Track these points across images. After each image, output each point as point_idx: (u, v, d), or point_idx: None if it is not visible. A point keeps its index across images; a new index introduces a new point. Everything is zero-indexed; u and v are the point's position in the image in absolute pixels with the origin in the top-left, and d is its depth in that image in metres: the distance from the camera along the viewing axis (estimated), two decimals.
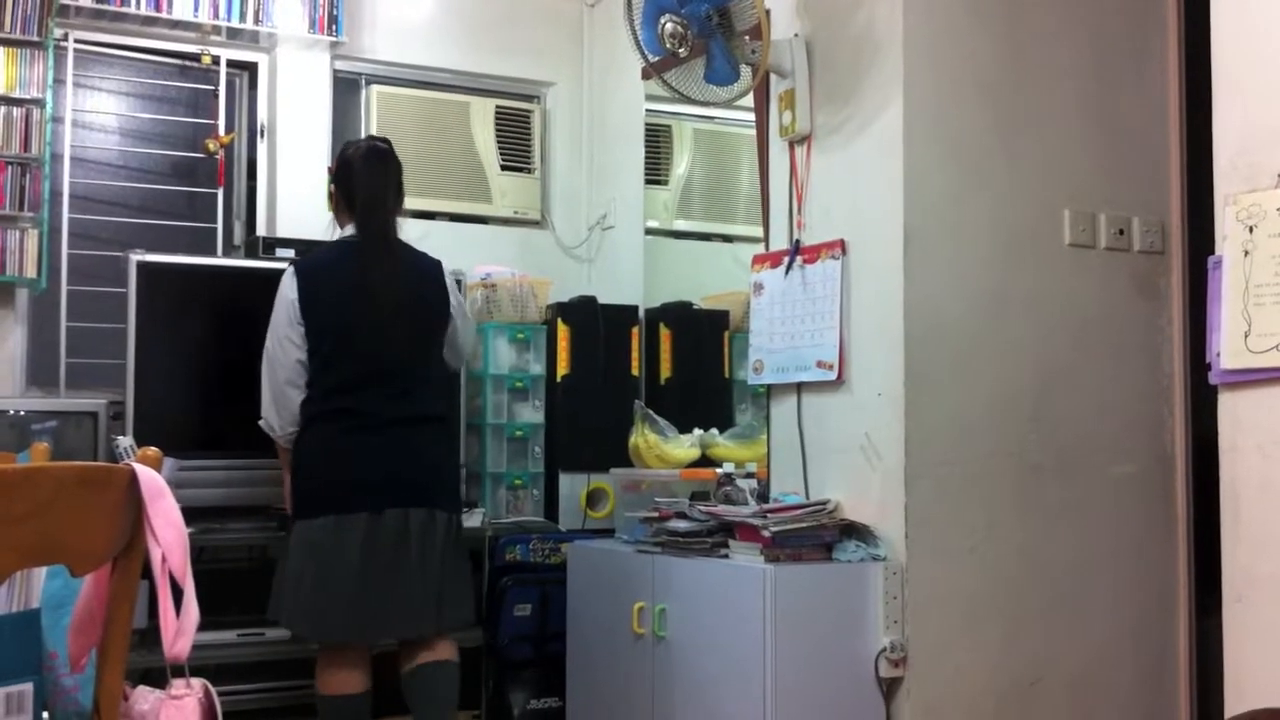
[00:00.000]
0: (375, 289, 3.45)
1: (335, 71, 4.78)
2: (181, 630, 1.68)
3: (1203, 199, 2.64)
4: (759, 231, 3.81)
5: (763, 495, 3.46)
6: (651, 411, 4.19)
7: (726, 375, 4.67)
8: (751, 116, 3.83)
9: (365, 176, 3.53)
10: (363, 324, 3.44)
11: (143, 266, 3.95)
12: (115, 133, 4.64)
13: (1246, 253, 2.18)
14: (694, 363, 4.66)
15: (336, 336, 3.45)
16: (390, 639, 3.55)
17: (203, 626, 1.76)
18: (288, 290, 3.50)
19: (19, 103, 4.13)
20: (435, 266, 3.63)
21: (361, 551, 3.37)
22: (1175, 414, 3.51)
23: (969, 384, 3.23)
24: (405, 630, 3.48)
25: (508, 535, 4.23)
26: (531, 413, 4.53)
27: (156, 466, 1.71)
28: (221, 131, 4.64)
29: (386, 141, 3.67)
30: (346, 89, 4.84)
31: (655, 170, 5.05)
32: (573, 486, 4.42)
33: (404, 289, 3.50)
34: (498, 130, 4.99)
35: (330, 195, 3.62)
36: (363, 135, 4.79)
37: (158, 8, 4.39)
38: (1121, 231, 3.47)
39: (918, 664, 3.11)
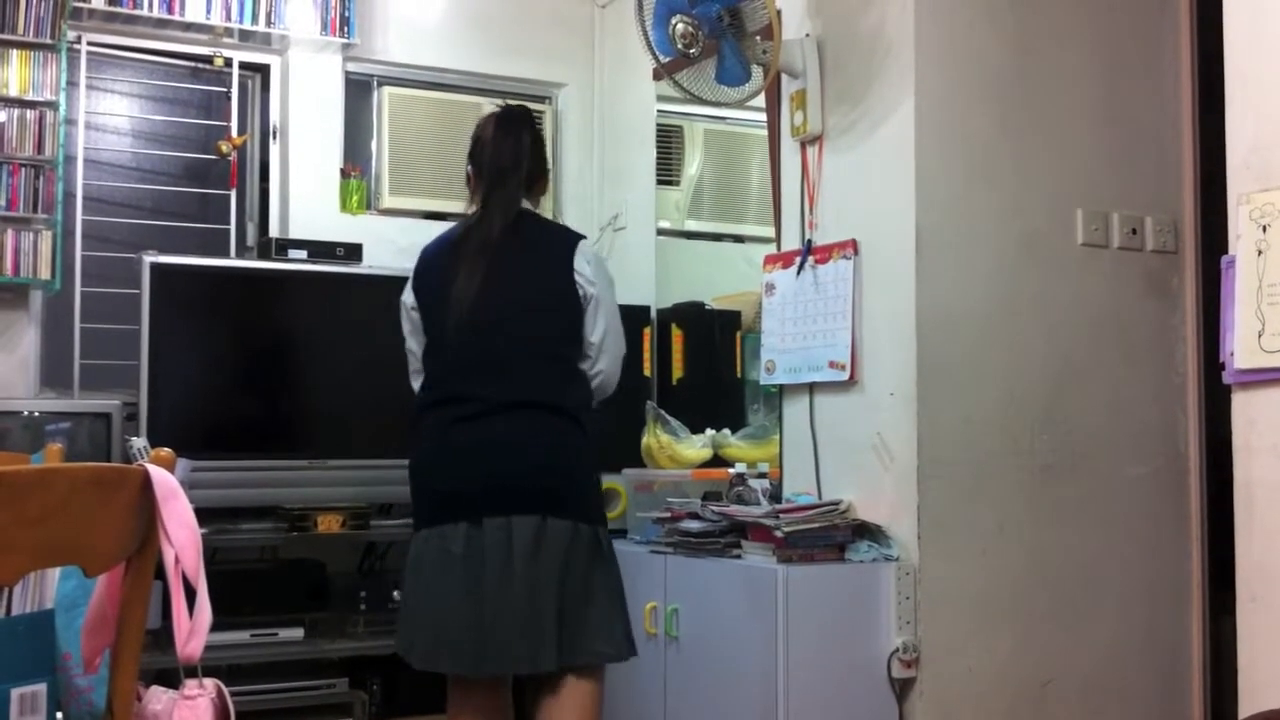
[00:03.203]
0: (482, 268, 3.04)
1: (347, 73, 4.79)
2: (194, 631, 1.68)
3: (1216, 198, 2.62)
4: (771, 232, 3.81)
5: (775, 495, 3.45)
6: (664, 412, 4.19)
7: (739, 375, 4.66)
8: (763, 117, 3.82)
9: (492, 146, 3.16)
10: (463, 306, 3.04)
11: (156, 268, 3.96)
12: (128, 134, 4.65)
13: (1260, 252, 2.17)
14: (706, 363, 4.65)
15: (441, 320, 3.11)
16: (497, 672, 2.99)
17: (215, 627, 1.76)
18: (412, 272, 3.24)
19: (32, 105, 4.14)
20: (563, 243, 3.12)
21: (463, 568, 2.91)
22: (1188, 414, 3.50)
23: (981, 384, 3.23)
24: (509, 664, 2.92)
25: None
26: None
27: (170, 467, 1.71)
28: (234, 133, 4.64)
29: (522, 107, 3.31)
30: (358, 90, 4.85)
31: (667, 171, 5.05)
32: None
33: (515, 268, 3.05)
34: None
35: (466, 177, 3.27)
36: (375, 135, 4.81)
37: (170, 10, 4.40)
38: (1134, 231, 3.46)
39: (930, 664, 3.11)
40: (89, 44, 4.42)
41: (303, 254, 4.29)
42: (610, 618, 2.95)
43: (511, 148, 3.14)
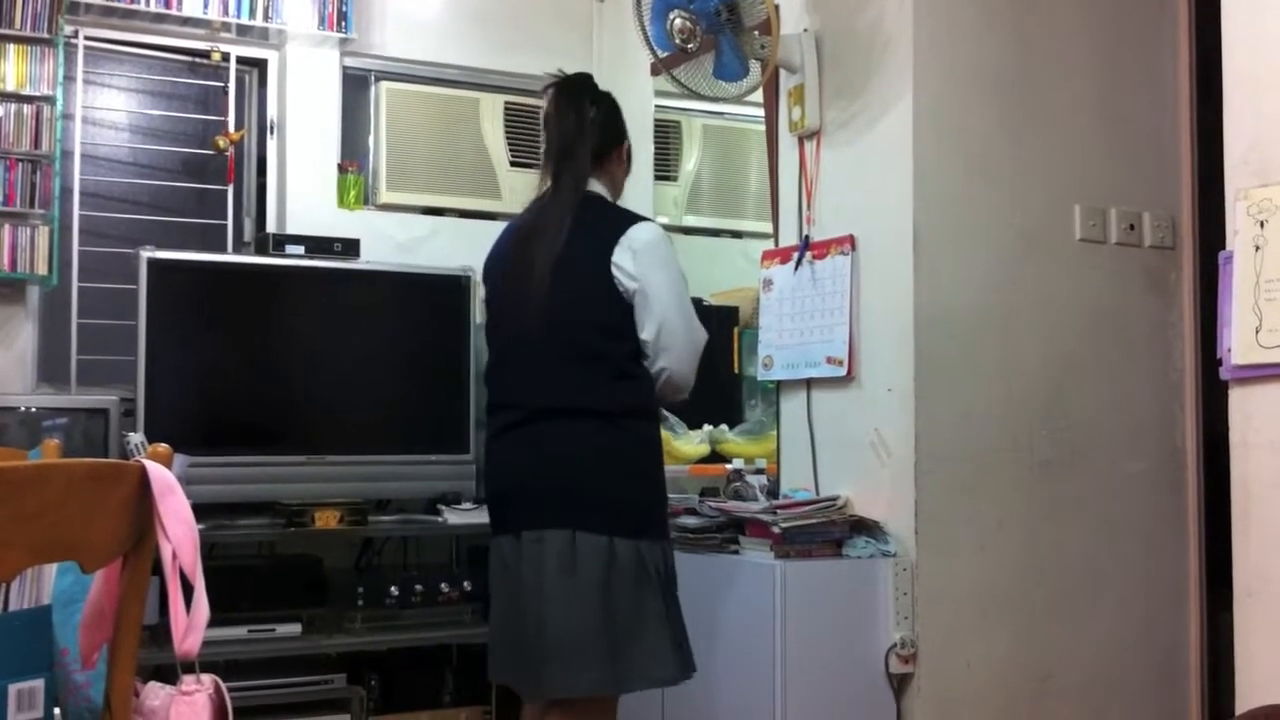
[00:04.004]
0: (529, 261, 2.83)
1: (345, 68, 4.78)
2: (192, 626, 1.68)
3: (1214, 194, 2.62)
4: (768, 227, 3.81)
5: (772, 491, 3.46)
6: (661, 408, 4.18)
7: (736, 371, 4.66)
8: (761, 112, 3.82)
9: (554, 123, 2.93)
10: (510, 301, 2.88)
11: (153, 263, 3.96)
12: (125, 129, 4.64)
13: (1258, 248, 2.17)
14: (703, 359, 4.63)
15: (496, 316, 2.99)
16: (523, 693, 2.88)
17: (213, 623, 1.76)
18: None
19: (29, 100, 4.14)
20: (610, 232, 2.84)
21: (509, 582, 2.80)
22: (1186, 410, 3.50)
23: (979, 379, 3.23)
24: (518, 686, 2.83)
25: None
26: None
27: (167, 463, 1.71)
28: (231, 128, 4.64)
29: (582, 75, 3.04)
30: (356, 86, 4.84)
31: (664, 166, 5.05)
32: None
33: (560, 260, 2.81)
34: (507, 127, 4.98)
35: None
36: (373, 130, 4.80)
37: (168, 5, 4.39)
38: (1132, 227, 3.47)
39: (928, 660, 3.11)
40: (86, 38, 4.41)
41: (300, 249, 4.28)
42: (614, 650, 2.71)
43: (574, 123, 2.89)
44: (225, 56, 4.63)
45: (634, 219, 2.89)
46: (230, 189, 4.66)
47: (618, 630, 2.70)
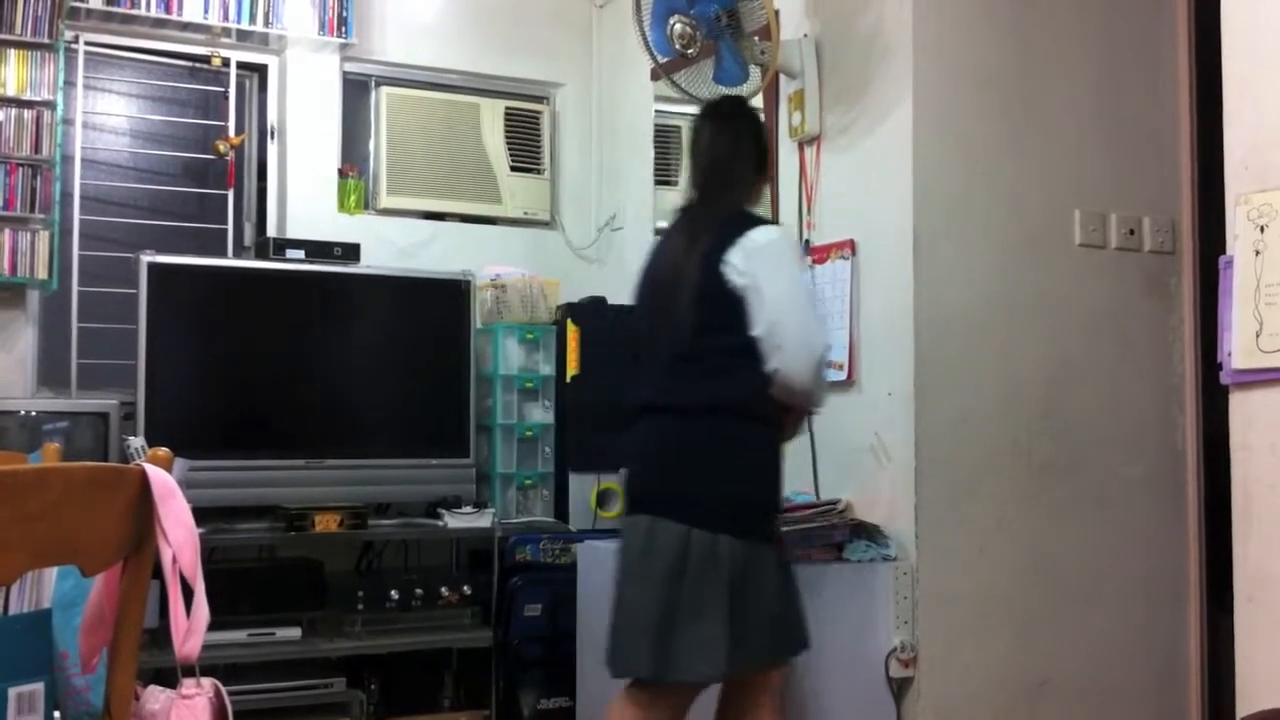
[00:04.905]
0: (662, 262, 2.96)
1: (345, 73, 4.79)
2: (192, 630, 1.68)
3: (1214, 199, 2.63)
4: None
5: None
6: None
7: None
8: (761, 117, 3.82)
9: (705, 145, 2.98)
10: (643, 303, 3.01)
11: (153, 267, 3.96)
12: (125, 134, 4.65)
13: (1258, 252, 2.17)
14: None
15: (635, 313, 3.08)
16: (612, 672, 2.89)
17: (213, 626, 1.76)
18: None
19: (30, 105, 4.14)
20: (730, 233, 2.85)
21: (618, 564, 2.89)
22: (1186, 413, 3.50)
23: (979, 383, 3.23)
24: (613, 664, 2.84)
25: (518, 535, 4.23)
26: (541, 413, 4.53)
27: (167, 467, 1.71)
28: (231, 133, 4.64)
29: (735, 99, 3.14)
30: (356, 90, 4.85)
31: (665, 171, 5.05)
32: (583, 487, 4.42)
33: (683, 264, 2.88)
34: (507, 131, 4.99)
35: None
36: (373, 135, 4.80)
37: (168, 10, 4.40)
38: (1132, 231, 3.47)
39: (928, 664, 3.11)
40: (86, 43, 4.41)
41: (300, 254, 4.29)
42: (668, 638, 2.71)
43: (726, 144, 2.95)
44: (225, 61, 4.64)
45: (758, 223, 2.91)
46: (230, 194, 4.66)
47: (673, 619, 2.71)
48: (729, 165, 2.93)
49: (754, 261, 2.80)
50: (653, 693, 2.77)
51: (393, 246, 4.67)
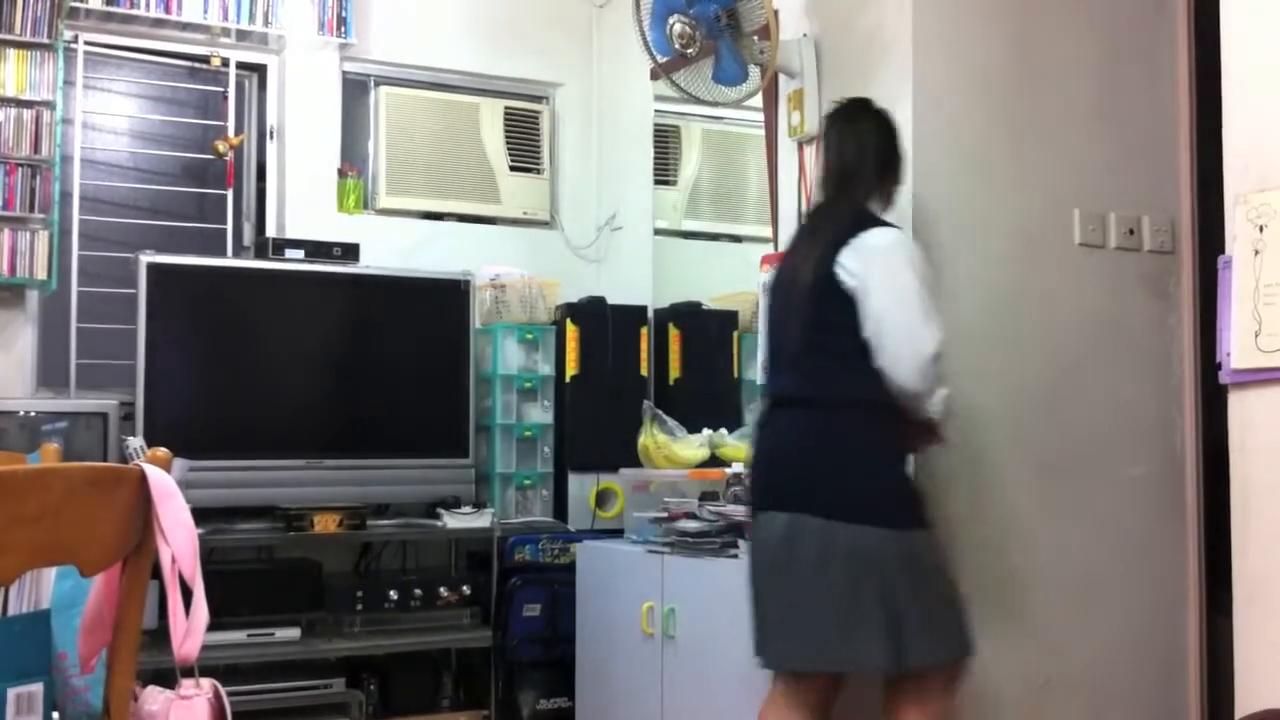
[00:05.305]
0: (787, 263, 3.02)
1: (344, 73, 4.79)
2: (191, 631, 1.68)
3: (1213, 198, 2.63)
4: (768, 231, 3.81)
5: None
6: (660, 412, 4.18)
7: (736, 375, 4.67)
8: (760, 117, 3.82)
9: (835, 148, 3.03)
10: (774, 301, 3.06)
11: (152, 268, 3.96)
12: (125, 134, 4.65)
13: (1257, 252, 2.17)
14: (703, 363, 4.66)
15: (770, 312, 3.13)
16: (763, 664, 2.93)
17: (212, 627, 1.76)
18: None
19: (29, 105, 4.14)
20: (846, 233, 2.89)
21: (750, 560, 2.95)
22: (1185, 414, 3.50)
23: (979, 383, 3.22)
24: (764, 656, 2.89)
25: (517, 535, 4.24)
26: (540, 413, 4.53)
27: (166, 467, 1.71)
28: (231, 133, 4.64)
29: (861, 100, 3.11)
30: (355, 90, 4.85)
31: (664, 171, 5.05)
32: (582, 487, 4.43)
33: (805, 263, 2.92)
34: (507, 131, 4.99)
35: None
36: (372, 135, 4.80)
37: (167, 10, 4.40)
38: (1131, 231, 3.47)
39: None
40: (86, 43, 4.41)
41: (299, 254, 4.29)
42: (814, 630, 2.75)
43: (855, 148, 2.99)
44: (225, 61, 4.64)
45: (876, 224, 2.93)
46: (230, 194, 4.66)
47: (808, 610, 2.75)
48: (853, 166, 2.97)
49: (864, 262, 2.83)
50: (796, 680, 2.84)
51: (392, 246, 4.67)
